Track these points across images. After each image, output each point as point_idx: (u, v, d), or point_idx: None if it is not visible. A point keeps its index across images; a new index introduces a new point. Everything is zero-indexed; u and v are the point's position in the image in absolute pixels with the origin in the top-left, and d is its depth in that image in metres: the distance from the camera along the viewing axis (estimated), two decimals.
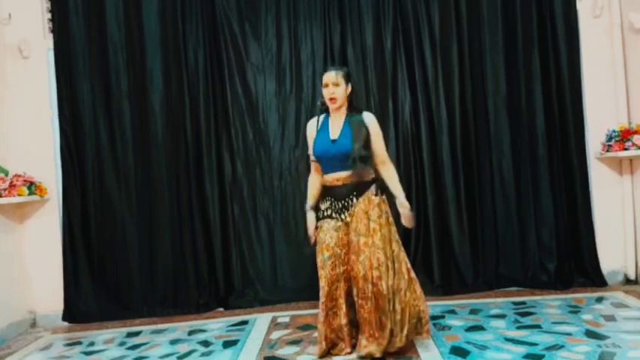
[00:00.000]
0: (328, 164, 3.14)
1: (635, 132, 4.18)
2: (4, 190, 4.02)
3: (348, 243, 3.08)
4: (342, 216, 3.11)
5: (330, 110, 3.20)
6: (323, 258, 3.07)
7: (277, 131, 4.59)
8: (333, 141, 3.11)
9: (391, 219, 3.14)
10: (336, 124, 3.16)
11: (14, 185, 4.08)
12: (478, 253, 4.53)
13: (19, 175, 4.16)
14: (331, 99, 3.12)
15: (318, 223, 3.19)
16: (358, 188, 3.10)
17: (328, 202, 3.16)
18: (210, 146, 4.51)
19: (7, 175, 4.13)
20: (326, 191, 3.19)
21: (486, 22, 4.55)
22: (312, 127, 3.27)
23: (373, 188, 3.12)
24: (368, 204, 3.07)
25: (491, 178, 4.55)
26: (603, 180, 4.50)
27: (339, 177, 3.11)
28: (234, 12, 4.56)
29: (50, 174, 4.45)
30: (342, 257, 3.08)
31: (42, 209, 4.46)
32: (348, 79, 3.17)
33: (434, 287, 4.43)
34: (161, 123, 4.50)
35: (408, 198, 4.41)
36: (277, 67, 4.59)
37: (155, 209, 4.49)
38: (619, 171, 4.50)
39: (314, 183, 3.29)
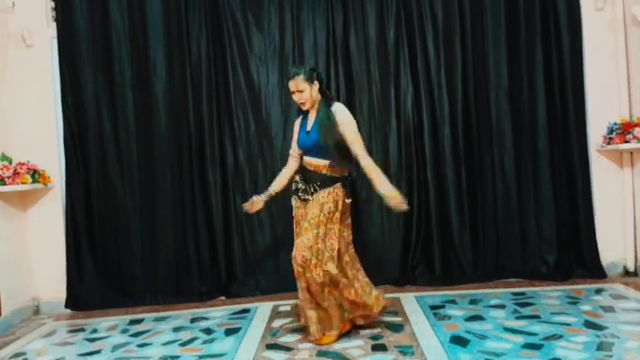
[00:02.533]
0: (306, 153, 3.34)
1: (636, 125, 4.19)
2: (8, 177, 4.04)
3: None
4: (304, 197, 3.28)
5: (309, 111, 3.37)
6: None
7: (279, 121, 4.60)
8: (307, 133, 3.30)
9: (340, 218, 3.25)
10: (312, 118, 3.34)
11: (18, 173, 4.10)
12: (478, 244, 4.55)
13: (23, 164, 4.18)
14: (301, 103, 3.30)
15: (292, 198, 3.40)
16: (323, 180, 3.23)
17: (298, 178, 3.37)
18: (213, 136, 4.53)
19: (10, 163, 4.15)
20: (300, 170, 3.39)
21: (489, 14, 4.54)
22: (296, 125, 3.49)
23: (340, 185, 3.24)
24: (327, 197, 3.19)
25: (493, 170, 4.57)
26: (604, 172, 4.52)
27: (311, 162, 3.29)
28: (237, 2, 4.56)
29: (54, 162, 4.47)
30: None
31: (45, 197, 4.49)
32: (310, 78, 3.25)
33: (434, 277, 4.47)
34: (164, 112, 4.51)
35: (409, 189, 4.50)
36: (280, 58, 4.60)
37: (158, 198, 4.52)
38: (620, 164, 4.52)
39: (283, 175, 3.52)
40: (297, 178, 3.37)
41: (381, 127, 4.60)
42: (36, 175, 4.24)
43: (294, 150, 3.45)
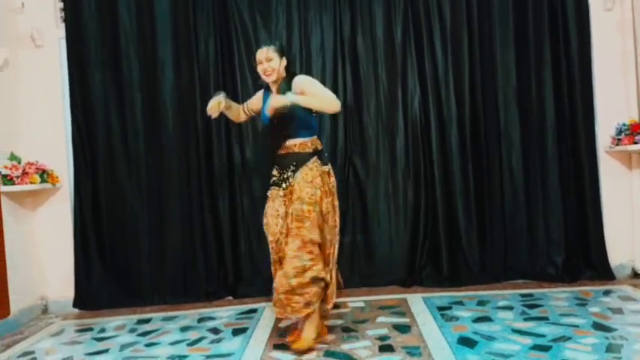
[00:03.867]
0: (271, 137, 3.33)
1: None
2: (17, 177, 4.07)
3: (286, 213, 3.18)
4: (284, 185, 3.21)
5: (270, 85, 3.28)
6: (264, 222, 3.28)
7: None
8: (268, 118, 3.25)
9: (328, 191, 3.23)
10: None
11: (27, 173, 4.12)
12: (486, 245, 4.54)
13: (32, 163, 4.21)
14: (266, 74, 3.21)
15: (268, 191, 3.31)
16: (298, 159, 3.18)
17: (276, 172, 3.28)
18: (220, 135, 4.53)
19: (19, 162, 4.17)
20: (274, 160, 3.31)
21: (497, 14, 4.53)
22: (258, 98, 3.46)
23: (315, 159, 3.20)
24: (308, 172, 3.16)
25: (500, 171, 4.55)
26: (612, 174, 4.49)
27: (284, 145, 3.23)
28: (244, 2, 4.57)
29: (62, 162, 4.50)
30: (278, 228, 3.19)
31: (54, 197, 4.51)
32: (281, 52, 3.24)
33: (442, 278, 4.46)
34: (172, 112, 4.52)
35: (416, 189, 4.51)
36: (287, 58, 4.58)
37: (165, 198, 4.53)
38: (628, 165, 4.49)
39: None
40: (274, 172, 3.30)
41: (388, 127, 4.59)
42: (45, 174, 4.26)
43: (247, 105, 3.54)
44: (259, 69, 3.23)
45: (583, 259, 4.46)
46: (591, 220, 4.43)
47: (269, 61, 3.19)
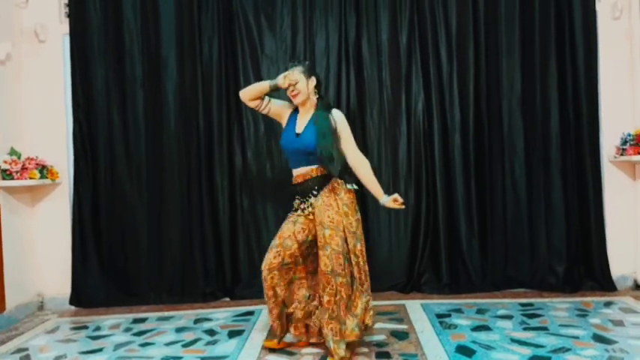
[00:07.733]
0: (292, 158, 3.17)
1: None
2: (17, 172, 4.05)
3: (306, 238, 3.13)
4: (305, 211, 3.12)
5: (298, 106, 3.18)
6: (272, 243, 3.17)
7: None
8: (297, 135, 3.11)
9: (354, 209, 3.10)
10: (304, 120, 3.16)
11: (26, 168, 4.11)
12: (487, 253, 4.50)
13: (32, 159, 4.19)
14: (292, 94, 3.12)
15: (288, 215, 3.24)
16: (319, 183, 3.08)
17: (297, 201, 3.18)
18: (222, 137, 4.51)
19: (19, 157, 4.15)
20: (293, 190, 3.19)
21: (503, 21, 4.49)
22: (286, 109, 3.24)
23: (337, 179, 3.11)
24: (329, 195, 3.05)
25: (503, 179, 4.52)
26: (616, 184, 4.46)
27: (300, 173, 3.12)
28: (249, 3, 4.54)
29: (62, 158, 4.48)
30: (292, 251, 3.12)
31: (53, 193, 4.49)
32: (309, 72, 3.16)
33: (441, 285, 4.42)
34: (174, 112, 4.50)
35: (418, 195, 4.47)
36: (291, 59, 4.57)
37: (165, 197, 4.51)
38: (632, 175, 4.46)
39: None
40: (294, 200, 3.21)
41: (391, 132, 4.55)
42: (44, 170, 4.25)
43: (270, 103, 3.22)
44: (287, 91, 3.15)
45: (585, 269, 4.43)
46: (594, 230, 4.39)
47: (295, 84, 3.10)
